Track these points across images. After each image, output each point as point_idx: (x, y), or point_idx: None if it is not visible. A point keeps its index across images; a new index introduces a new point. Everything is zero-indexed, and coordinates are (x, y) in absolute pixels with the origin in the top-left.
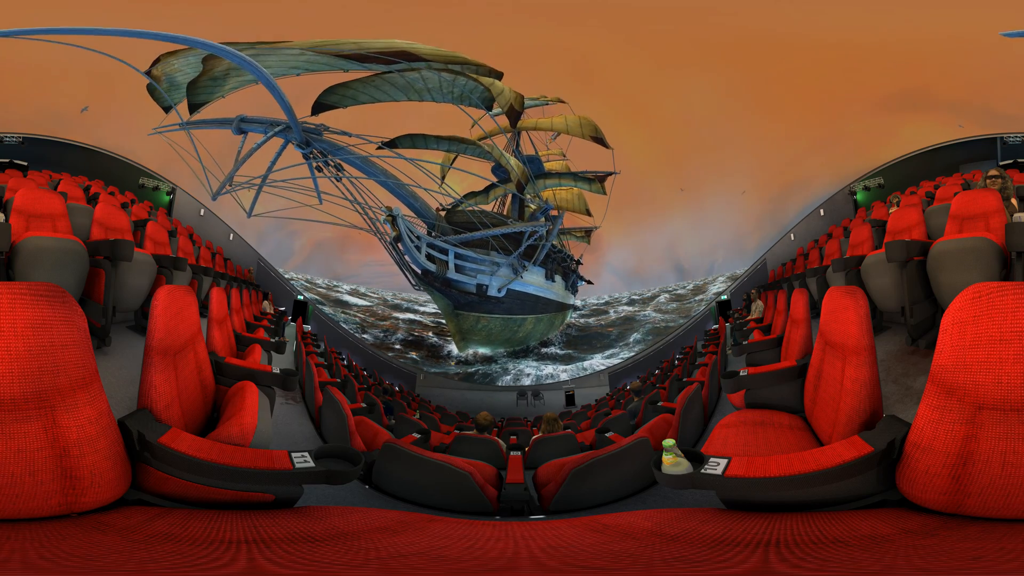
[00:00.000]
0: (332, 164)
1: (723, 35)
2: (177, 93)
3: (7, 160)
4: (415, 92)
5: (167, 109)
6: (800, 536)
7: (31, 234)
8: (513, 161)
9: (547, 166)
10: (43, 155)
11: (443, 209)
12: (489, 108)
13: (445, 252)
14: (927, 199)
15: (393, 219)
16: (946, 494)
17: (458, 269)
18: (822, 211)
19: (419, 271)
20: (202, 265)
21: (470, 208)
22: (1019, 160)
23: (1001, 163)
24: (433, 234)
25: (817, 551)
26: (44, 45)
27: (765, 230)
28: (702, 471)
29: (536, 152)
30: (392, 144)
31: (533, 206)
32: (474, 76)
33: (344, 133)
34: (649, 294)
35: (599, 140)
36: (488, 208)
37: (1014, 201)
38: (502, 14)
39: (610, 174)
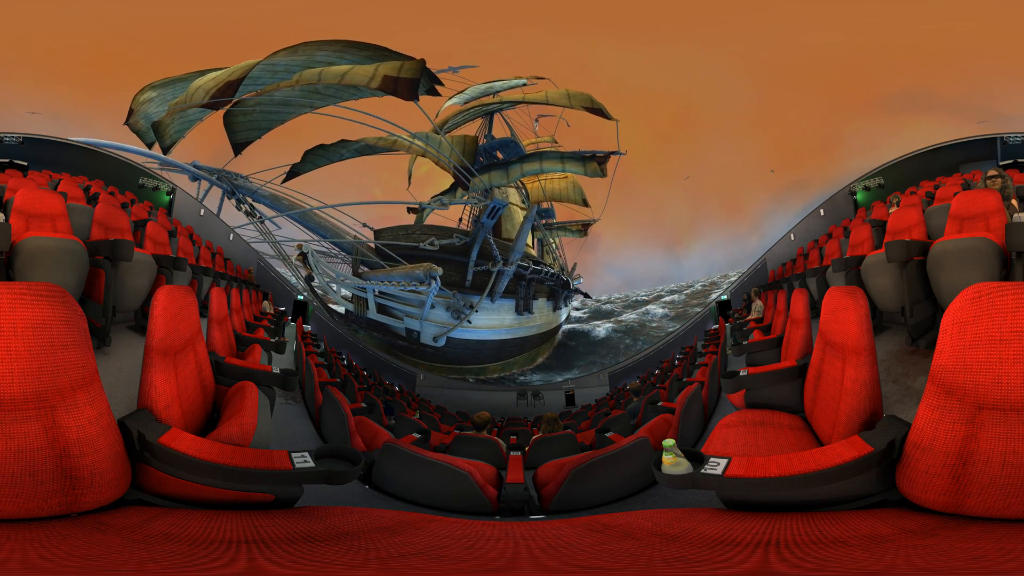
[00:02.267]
0: (249, 207)
1: (724, 35)
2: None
3: (7, 160)
4: (308, 100)
5: (150, 145)
6: (800, 536)
7: (31, 234)
8: (445, 145)
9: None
10: (43, 155)
11: (414, 210)
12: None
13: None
14: (927, 199)
15: (304, 257)
16: (946, 494)
17: (383, 309)
18: (822, 211)
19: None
20: (202, 265)
21: (399, 226)
22: (1019, 160)
23: (1001, 163)
24: (341, 265)
25: (817, 551)
26: (44, 44)
27: (766, 229)
28: (702, 471)
29: (513, 135)
30: (295, 171)
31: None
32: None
33: (242, 177)
34: (655, 294)
35: (597, 111)
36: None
37: (1014, 201)
38: (499, 15)
39: (612, 154)
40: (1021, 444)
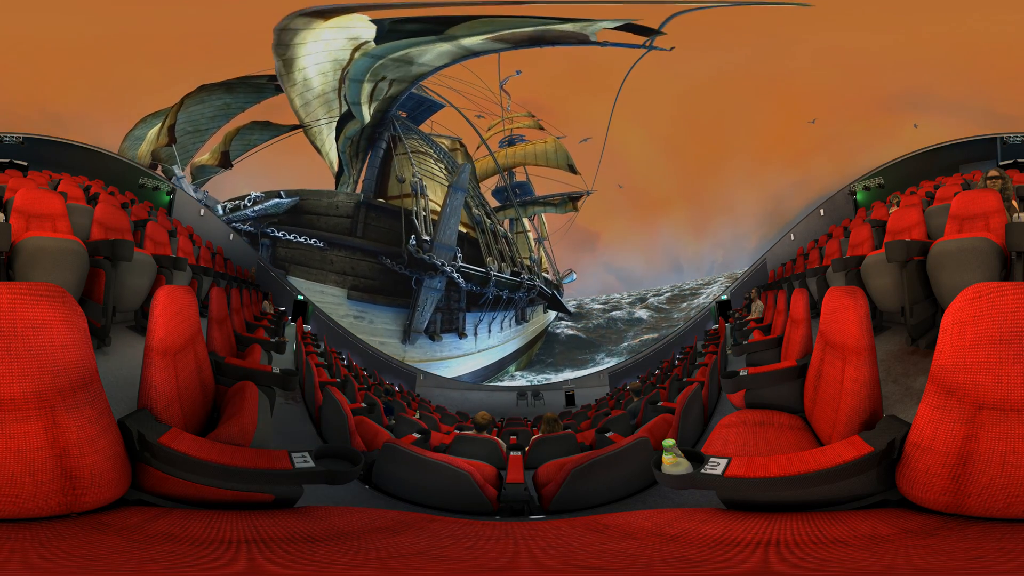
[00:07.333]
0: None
1: (724, 31)
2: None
3: (7, 160)
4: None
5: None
6: (800, 536)
7: (31, 234)
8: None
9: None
10: (43, 155)
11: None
12: None
13: None
14: (927, 199)
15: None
16: (946, 494)
17: None
18: (822, 211)
19: None
20: (202, 265)
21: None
22: (1019, 160)
23: (1001, 163)
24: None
25: (817, 551)
26: (44, 46)
27: (766, 229)
28: (702, 471)
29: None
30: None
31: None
32: None
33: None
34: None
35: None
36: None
37: (1014, 201)
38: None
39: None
40: (1021, 444)
